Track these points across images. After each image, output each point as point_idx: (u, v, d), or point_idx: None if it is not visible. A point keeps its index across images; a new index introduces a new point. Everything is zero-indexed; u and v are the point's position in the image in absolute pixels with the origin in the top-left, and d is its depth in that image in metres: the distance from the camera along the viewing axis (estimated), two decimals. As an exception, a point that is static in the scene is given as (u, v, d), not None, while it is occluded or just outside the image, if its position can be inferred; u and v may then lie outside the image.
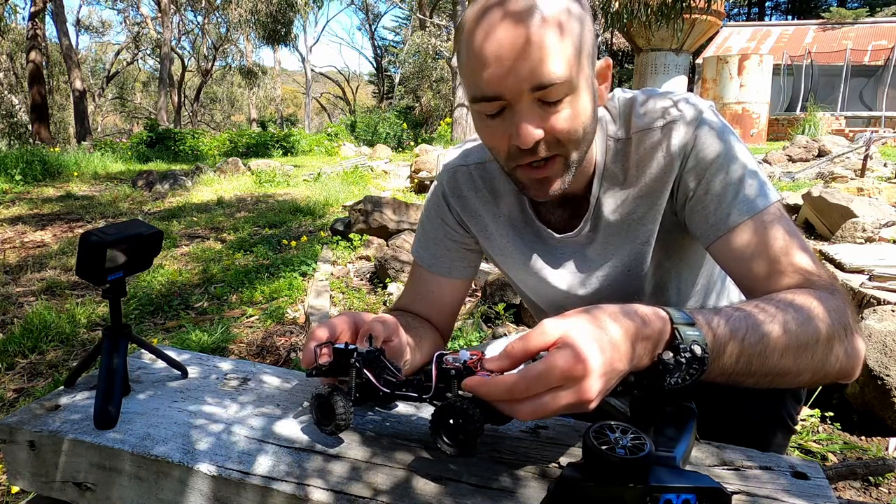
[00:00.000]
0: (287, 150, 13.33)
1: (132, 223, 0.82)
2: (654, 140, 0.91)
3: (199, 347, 2.50)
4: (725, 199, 0.86)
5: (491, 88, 0.78)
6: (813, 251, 0.86)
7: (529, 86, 0.76)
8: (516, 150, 0.81)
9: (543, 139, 0.80)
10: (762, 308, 0.73)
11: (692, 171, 0.89)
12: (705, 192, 0.88)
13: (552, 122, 0.79)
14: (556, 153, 0.82)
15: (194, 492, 0.70)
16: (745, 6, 32.11)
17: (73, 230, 5.10)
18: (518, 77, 0.76)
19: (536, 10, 0.75)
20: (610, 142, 0.94)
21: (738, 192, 0.86)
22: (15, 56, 22.82)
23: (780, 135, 14.70)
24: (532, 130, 0.78)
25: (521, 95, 0.77)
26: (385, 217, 4.35)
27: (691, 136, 0.88)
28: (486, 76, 0.77)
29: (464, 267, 1.12)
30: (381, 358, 0.74)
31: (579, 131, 0.81)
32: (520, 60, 0.75)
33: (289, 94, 39.69)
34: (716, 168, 0.87)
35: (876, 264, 2.45)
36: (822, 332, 0.73)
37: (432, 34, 20.88)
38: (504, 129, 0.81)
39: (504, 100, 0.78)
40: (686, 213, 0.91)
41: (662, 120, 0.90)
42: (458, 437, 0.65)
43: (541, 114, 0.79)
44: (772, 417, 1.00)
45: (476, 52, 0.78)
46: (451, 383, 0.67)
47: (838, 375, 0.77)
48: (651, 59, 16.99)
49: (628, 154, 0.93)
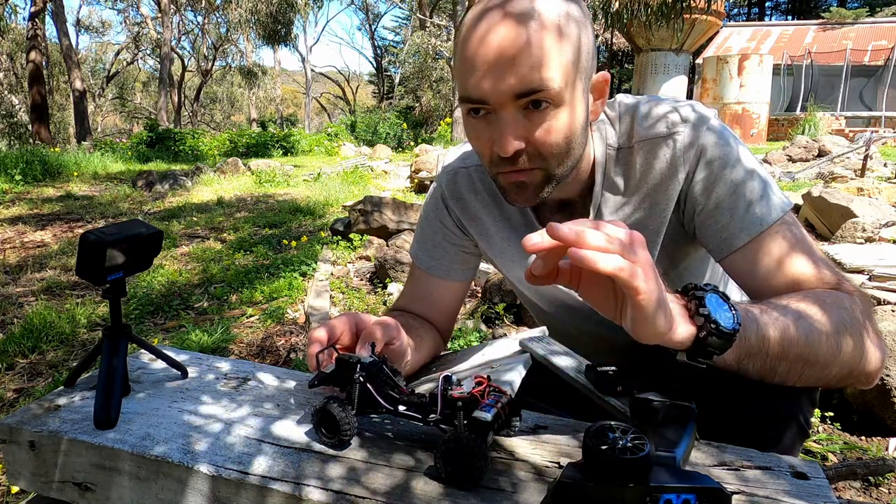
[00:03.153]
0: (287, 150, 13.33)
1: (132, 223, 0.82)
2: (658, 150, 0.89)
3: (198, 347, 2.50)
4: (737, 213, 0.85)
5: (477, 92, 0.77)
6: (827, 257, 0.85)
7: (514, 93, 0.75)
8: (497, 158, 0.81)
9: (525, 150, 0.79)
10: (775, 305, 0.75)
11: (700, 183, 0.88)
12: (716, 206, 0.87)
13: (535, 133, 0.78)
14: (537, 166, 0.81)
15: (194, 492, 0.70)
16: (745, 6, 32.11)
17: (73, 230, 5.10)
18: (504, 84, 0.75)
19: (531, 19, 0.74)
20: (610, 150, 0.93)
21: (749, 205, 0.85)
22: (15, 56, 22.82)
23: (780, 135, 14.71)
24: (512, 141, 0.77)
25: (505, 103, 0.76)
26: (385, 217, 4.35)
27: (698, 147, 0.87)
28: (474, 80, 0.77)
29: (462, 270, 1.12)
30: (384, 368, 0.74)
31: (563, 145, 0.80)
32: (507, 67, 0.74)
33: (289, 94, 39.68)
34: (726, 180, 0.86)
35: (876, 264, 2.45)
36: (838, 324, 0.74)
37: (432, 34, 20.87)
38: (488, 134, 0.80)
39: (488, 104, 0.78)
40: (696, 226, 0.90)
41: (667, 130, 0.89)
42: (464, 469, 0.64)
43: (525, 124, 0.78)
44: (787, 419, 0.99)
45: (467, 54, 0.77)
46: (458, 413, 0.67)
47: (860, 374, 0.78)
48: (651, 59, 16.99)
49: (631, 163, 0.92)
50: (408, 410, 0.71)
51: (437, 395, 0.68)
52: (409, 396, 0.72)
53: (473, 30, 0.77)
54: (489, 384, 0.70)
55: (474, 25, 0.77)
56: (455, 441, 0.64)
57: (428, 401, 0.70)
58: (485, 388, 0.69)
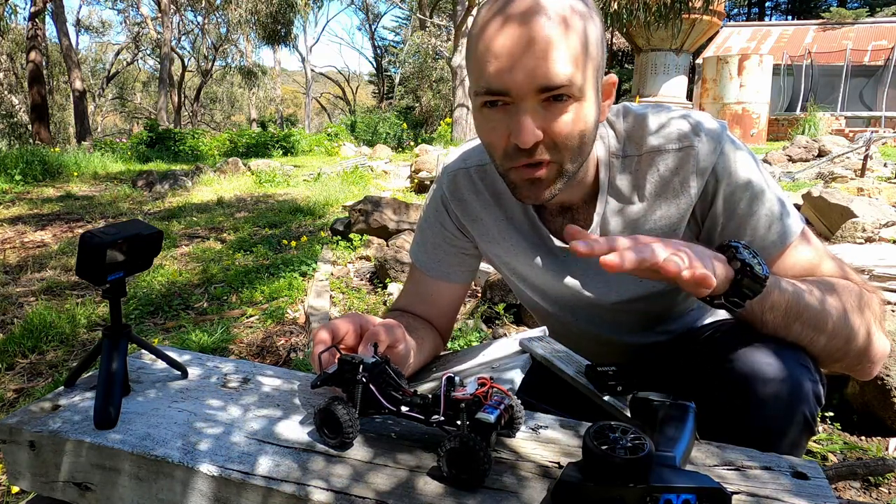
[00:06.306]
0: (287, 150, 13.32)
1: (132, 223, 0.82)
2: (669, 160, 0.90)
3: (199, 348, 2.50)
4: (759, 231, 0.88)
5: (497, 83, 0.77)
6: (843, 262, 0.91)
7: (536, 86, 0.76)
8: (514, 150, 0.81)
9: (542, 142, 0.80)
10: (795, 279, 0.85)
11: (721, 201, 0.89)
12: (738, 226, 0.89)
13: (553, 124, 0.79)
14: (552, 158, 0.81)
15: (195, 492, 0.70)
16: (745, 6, 32.10)
17: (73, 230, 5.10)
18: (526, 75, 0.76)
19: (552, 14, 0.76)
20: (614, 158, 0.93)
21: (770, 223, 0.88)
22: (15, 56, 22.80)
23: (780, 135, 14.70)
24: (533, 129, 0.78)
25: (526, 94, 0.77)
26: (385, 217, 4.35)
27: (714, 163, 0.88)
28: (494, 70, 0.77)
29: (462, 271, 1.12)
30: (386, 368, 0.74)
31: (578, 139, 0.81)
32: (530, 59, 0.75)
33: (289, 94, 39.67)
34: (746, 197, 0.88)
35: (876, 264, 2.45)
36: (851, 305, 0.83)
37: (432, 34, 20.87)
38: (504, 125, 0.80)
39: (508, 96, 0.78)
40: (716, 242, 0.91)
41: (679, 142, 0.89)
42: (468, 471, 0.64)
43: (543, 115, 0.78)
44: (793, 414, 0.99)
45: (487, 44, 0.77)
46: (461, 415, 0.67)
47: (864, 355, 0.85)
48: (651, 59, 16.99)
49: (638, 172, 0.92)
50: (410, 411, 0.71)
51: (439, 397, 0.69)
52: (411, 397, 0.72)
53: (493, 21, 0.77)
54: (492, 385, 0.70)
55: (494, 17, 0.78)
56: (459, 442, 0.64)
57: (431, 402, 0.70)
58: (488, 389, 0.69)
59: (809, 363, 0.82)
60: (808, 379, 0.80)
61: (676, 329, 1.08)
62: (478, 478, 0.64)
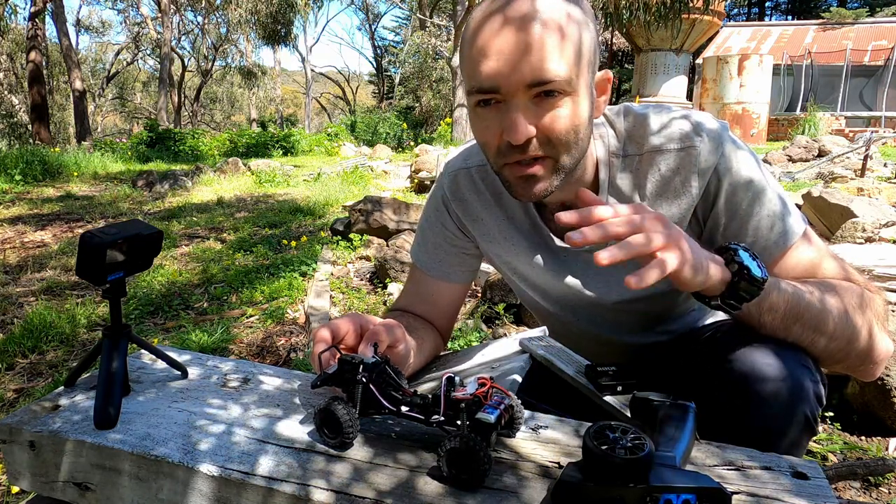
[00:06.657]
0: (287, 150, 13.32)
1: (132, 223, 0.82)
2: (670, 160, 0.90)
3: (199, 348, 2.50)
4: (761, 232, 0.88)
5: (489, 81, 0.78)
6: (845, 262, 0.91)
7: (527, 82, 0.77)
8: (507, 147, 0.81)
9: (535, 137, 0.80)
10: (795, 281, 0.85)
11: (723, 202, 0.89)
12: (740, 226, 0.89)
13: (546, 120, 0.79)
14: (546, 154, 0.82)
15: (195, 492, 0.70)
16: (745, 6, 32.08)
17: (73, 230, 5.10)
18: (517, 72, 0.76)
19: (541, 12, 0.76)
20: (614, 158, 0.93)
21: (773, 223, 0.88)
22: (15, 56, 22.79)
23: (780, 135, 14.70)
24: (525, 126, 0.78)
25: (516, 91, 0.78)
26: (385, 217, 4.35)
27: (716, 163, 0.88)
28: (486, 68, 0.78)
29: (462, 271, 1.12)
30: (386, 368, 0.74)
31: (571, 134, 0.81)
32: (520, 56, 0.76)
33: (289, 94, 39.66)
34: (748, 197, 0.88)
35: (876, 264, 2.45)
36: (852, 306, 0.83)
37: (432, 34, 20.86)
38: (497, 123, 0.81)
39: (499, 94, 0.79)
40: (718, 242, 0.91)
41: (680, 142, 0.89)
42: (468, 471, 0.64)
43: (536, 111, 0.79)
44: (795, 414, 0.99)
45: (479, 43, 0.78)
46: (461, 415, 0.67)
47: (866, 356, 0.85)
48: (651, 59, 16.99)
49: (639, 171, 0.92)
50: (410, 411, 0.71)
51: (439, 397, 0.69)
52: (411, 397, 0.72)
53: (485, 21, 0.78)
54: (492, 385, 0.70)
55: (485, 17, 0.79)
56: (459, 442, 0.64)
57: (431, 402, 0.70)
58: (488, 390, 0.69)
59: (810, 363, 0.82)
60: (809, 379, 0.80)
61: (677, 329, 1.08)
62: (478, 478, 0.64)
